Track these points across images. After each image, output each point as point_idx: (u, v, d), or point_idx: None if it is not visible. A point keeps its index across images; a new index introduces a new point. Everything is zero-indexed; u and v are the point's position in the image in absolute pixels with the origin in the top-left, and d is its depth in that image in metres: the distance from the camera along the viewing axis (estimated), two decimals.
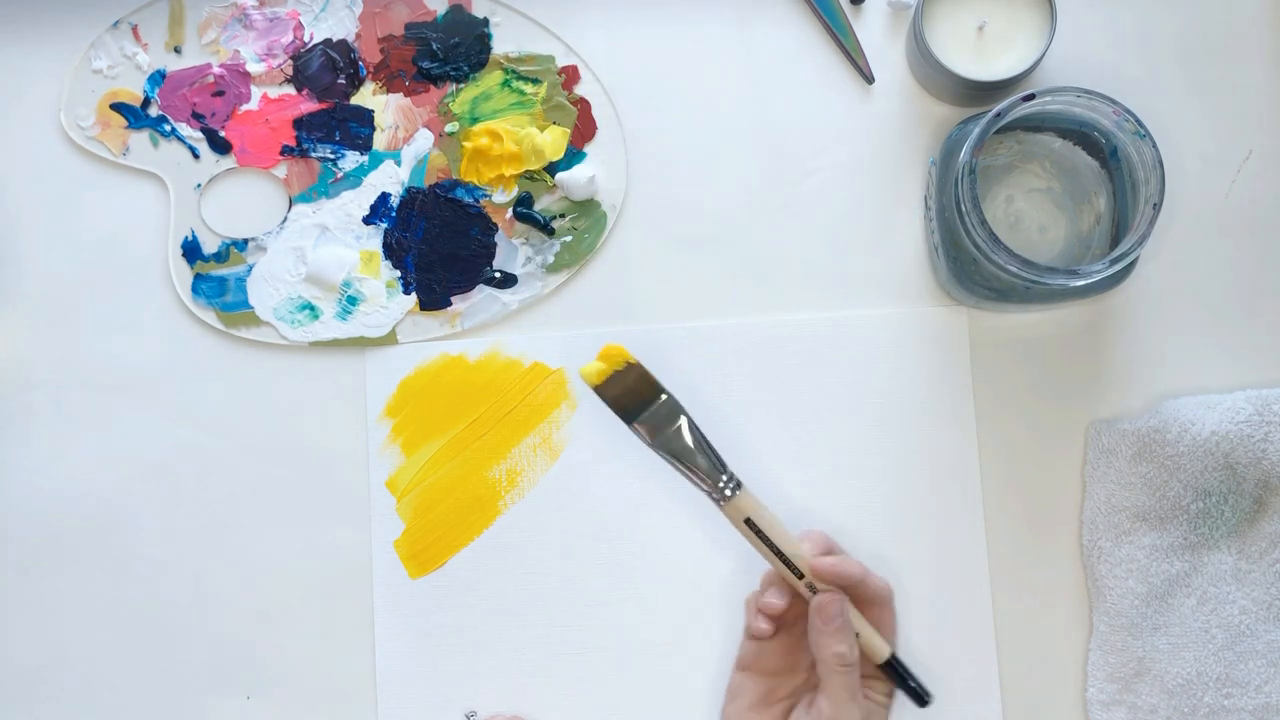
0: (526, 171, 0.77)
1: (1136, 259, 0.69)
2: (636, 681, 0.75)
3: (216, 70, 0.78)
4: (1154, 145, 0.66)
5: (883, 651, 0.68)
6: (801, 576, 0.68)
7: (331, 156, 0.78)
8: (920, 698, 0.69)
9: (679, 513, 0.76)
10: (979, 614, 0.75)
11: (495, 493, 0.76)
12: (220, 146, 0.78)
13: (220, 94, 0.78)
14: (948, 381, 0.76)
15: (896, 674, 0.69)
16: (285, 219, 0.78)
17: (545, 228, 0.77)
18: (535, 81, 0.78)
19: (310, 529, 0.77)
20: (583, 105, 0.78)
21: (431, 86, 0.78)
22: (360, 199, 0.78)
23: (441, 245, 0.77)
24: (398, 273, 0.77)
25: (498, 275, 0.77)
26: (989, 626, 0.74)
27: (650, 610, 0.76)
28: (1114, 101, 0.67)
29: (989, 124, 0.67)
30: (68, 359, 0.78)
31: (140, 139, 0.78)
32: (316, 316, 0.77)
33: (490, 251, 0.77)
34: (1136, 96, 0.74)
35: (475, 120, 0.78)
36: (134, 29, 0.78)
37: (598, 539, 0.76)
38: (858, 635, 0.67)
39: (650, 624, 0.75)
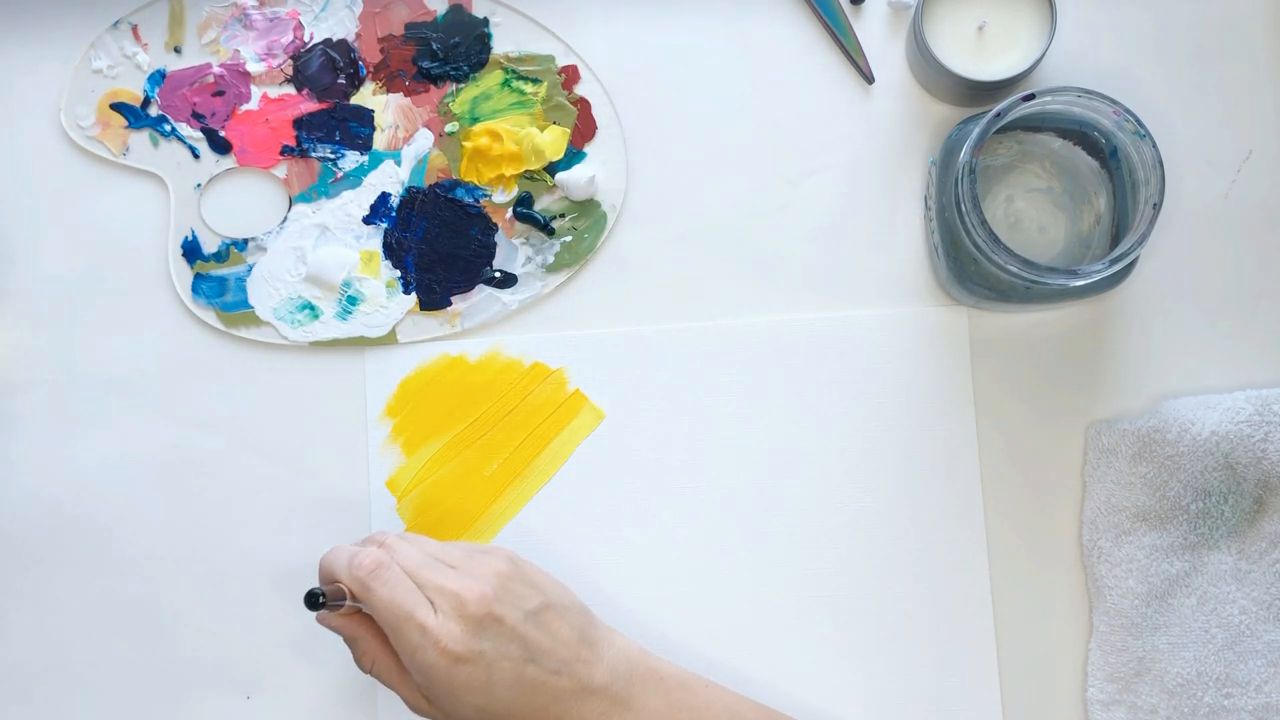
0: (526, 171, 0.77)
1: (1136, 259, 0.69)
2: None
3: (216, 70, 0.78)
4: (1154, 145, 0.66)
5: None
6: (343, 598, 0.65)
7: (331, 156, 0.78)
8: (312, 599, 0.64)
9: (677, 515, 0.76)
10: (979, 614, 0.75)
11: (495, 494, 0.76)
12: (220, 146, 0.78)
13: (220, 94, 0.78)
14: (948, 381, 0.76)
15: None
16: (285, 219, 0.78)
17: (545, 228, 0.77)
18: (535, 81, 0.78)
19: (310, 529, 0.77)
20: (583, 105, 0.78)
21: (431, 86, 0.78)
22: (360, 199, 0.78)
23: (441, 245, 0.77)
24: (398, 273, 0.77)
25: (498, 275, 0.77)
26: (989, 626, 0.74)
27: (652, 611, 0.75)
28: (1114, 101, 0.67)
29: (989, 124, 0.67)
30: (68, 359, 0.78)
31: (140, 139, 0.78)
32: (316, 316, 0.77)
33: (490, 251, 0.77)
34: (1136, 96, 0.74)
35: (475, 120, 0.78)
36: (134, 29, 0.78)
37: (597, 542, 0.76)
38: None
39: (651, 625, 0.75)
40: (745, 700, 0.66)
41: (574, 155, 0.78)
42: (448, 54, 0.78)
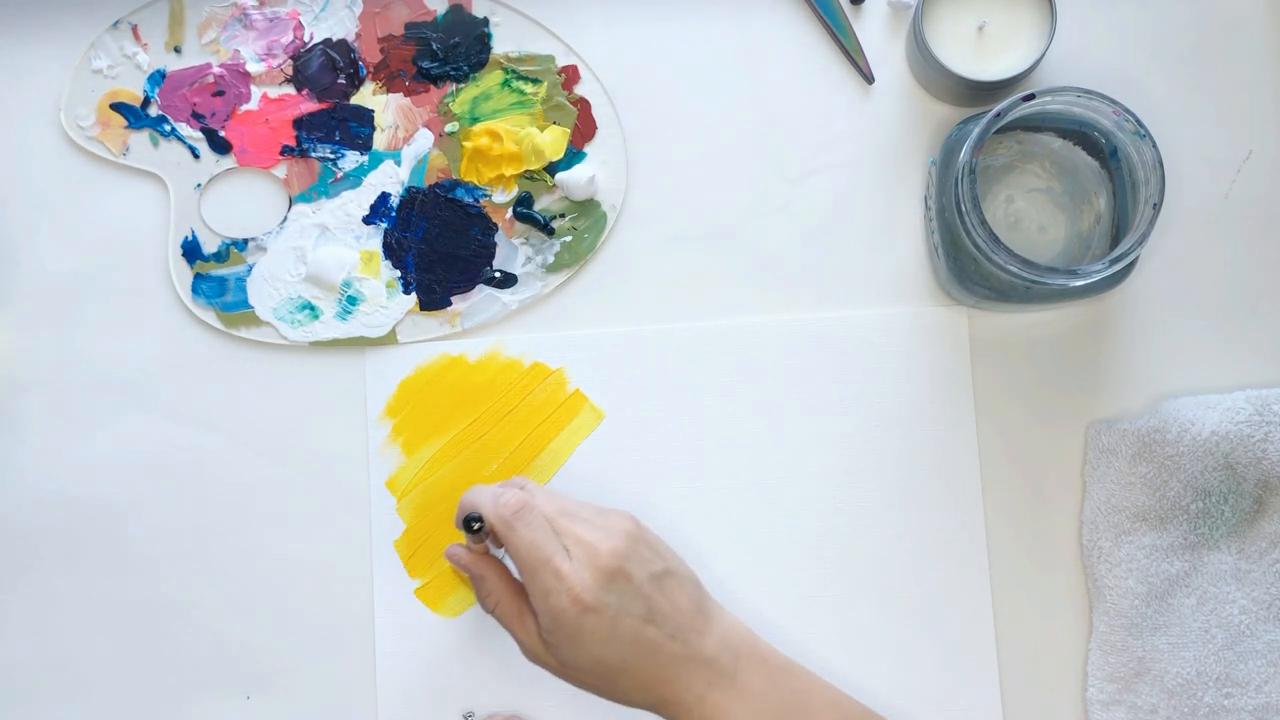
0: (526, 171, 0.77)
1: (1136, 259, 0.69)
2: None
3: (216, 70, 0.78)
4: (1154, 145, 0.67)
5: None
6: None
7: (331, 156, 0.78)
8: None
9: (678, 516, 0.76)
10: (979, 614, 0.75)
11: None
12: (220, 146, 0.78)
13: (220, 94, 0.78)
14: (948, 381, 0.76)
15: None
16: (285, 219, 0.78)
17: (545, 228, 0.77)
18: (535, 81, 0.78)
19: (310, 529, 0.77)
20: (583, 105, 0.78)
21: (431, 86, 0.78)
22: (360, 199, 0.78)
23: (441, 245, 0.77)
24: (398, 273, 0.77)
25: (498, 275, 0.77)
26: (989, 626, 0.74)
27: None
28: (1114, 101, 0.67)
29: (989, 124, 0.67)
30: (68, 359, 0.78)
31: (140, 139, 0.78)
32: (316, 316, 0.77)
33: (490, 251, 0.77)
34: (1136, 96, 0.74)
35: (475, 120, 0.78)
36: (134, 29, 0.78)
37: None
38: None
39: None
40: (843, 693, 0.67)
41: (574, 155, 0.78)
42: (448, 54, 0.78)
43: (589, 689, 0.66)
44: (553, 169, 0.77)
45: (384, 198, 0.78)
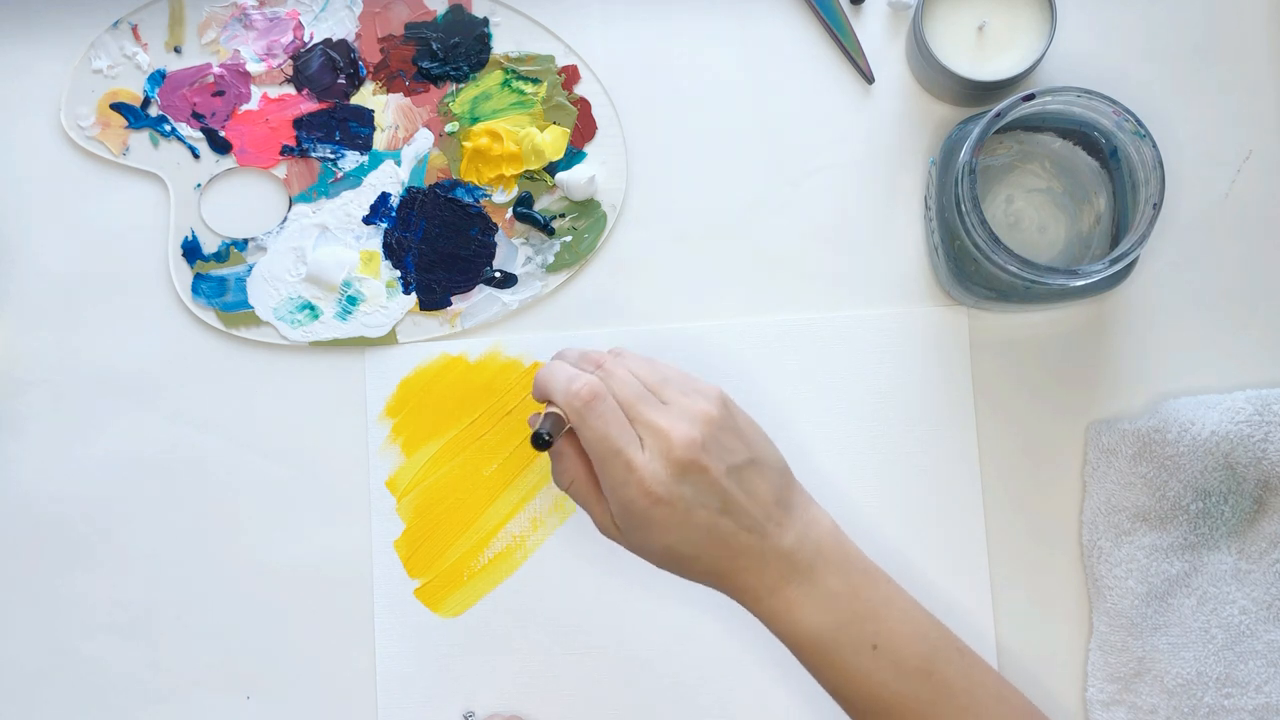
0: (526, 171, 0.77)
1: (1136, 259, 0.69)
2: (635, 682, 0.75)
3: (216, 70, 0.78)
4: (1154, 145, 0.66)
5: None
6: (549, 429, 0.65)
7: (331, 156, 0.78)
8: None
9: None
10: (979, 614, 0.75)
11: (495, 494, 0.76)
12: (220, 146, 0.78)
13: (220, 94, 0.78)
14: (948, 381, 0.76)
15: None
16: (285, 219, 0.78)
17: (545, 228, 0.77)
18: (535, 81, 0.78)
19: (310, 529, 0.77)
20: (583, 105, 0.78)
21: (431, 86, 0.78)
22: (360, 199, 0.78)
23: (441, 245, 0.77)
24: (398, 273, 0.77)
25: (498, 275, 0.77)
26: (989, 626, 0.74)
27: (651, 611, 0.76)
28: (1114, 101, 0.67)
29: (989, 124, 0.67)
30: (67, 359, 0.78)
31: (140, 139, 0.78)
32: (316, 316, 0.77)
33: (490, 251, 0.77)
34: (1136, 96, 0.75)
35: (475, 120, 0.78)
36: (134, 29, 0.78)
37: (597, 540, 0.76)
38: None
39: (651, 625, 0.75)
40: (922, 608, 0.65)
41: (574, 155, 0.78)
42: (448, 54, 0.78)
43: (661, 568, 0.64)
44: (553, 169, 0.77)
45: (384, 198, 0.78)
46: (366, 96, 0.78)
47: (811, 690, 0.75)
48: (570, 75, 0.78)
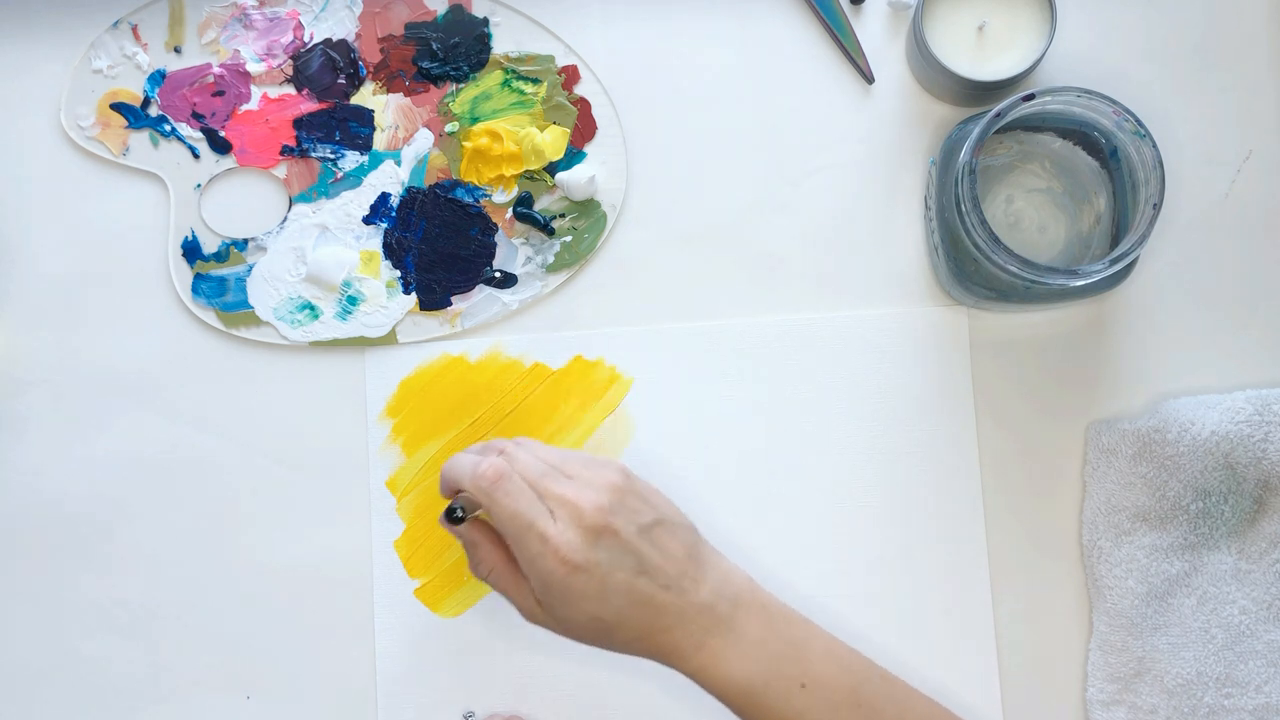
0: (526, 171, 0.77)
1: (1136, 259, 0.69)
2: (635, 682, 0.75)
3: (216, 70, 0.78)
4: (1154, 145, 0.67)
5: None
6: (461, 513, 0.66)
7: (331, 156, 0.78)
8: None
9: None
10: (979, 614, 0.75)
11: None
12: (220, 146, 0.78)
13: (220, 94, 0.78)
14: (948, 381, 0.76)
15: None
16: (285, 219, 0.78)
17: (545, 228, 0.77)
18: (535, 81, 0.78)
19: (310, 529, 0.77)
20: (583, 105, 0.78)
21: (431, 86, 0.78)
22: (360, 199, 0.78)
23: (441, 245, 0.77)
24: (398, 273, 0.77)
25: (498, 275, 0.77)
26: (989, 626, 0.74)
27: None
28: (1114, 101, 0.67)
29: (989, 124, 0.67)
30: (67, 359, 0.78)
31: (140, 139, 0.78)
32: (316, 316, 0.77)
33: (490, 251, 0.77)
34: (1136, 96, 0.74)
35: (475, 120, 0.78)
36: (134, 29, 0.78)
37: None
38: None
39: None
40: (843, 643, 0.66)
41: (574, 155, 0.78)
42: (448, 54, 0.78)
43: (589, 644, 0.65)
44: (553, 169, 0.77)
45: (384, 198, 0.78)
46: (366, 96, 0.78)
47: None
48: (570, 75, 0.78)
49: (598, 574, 0.62)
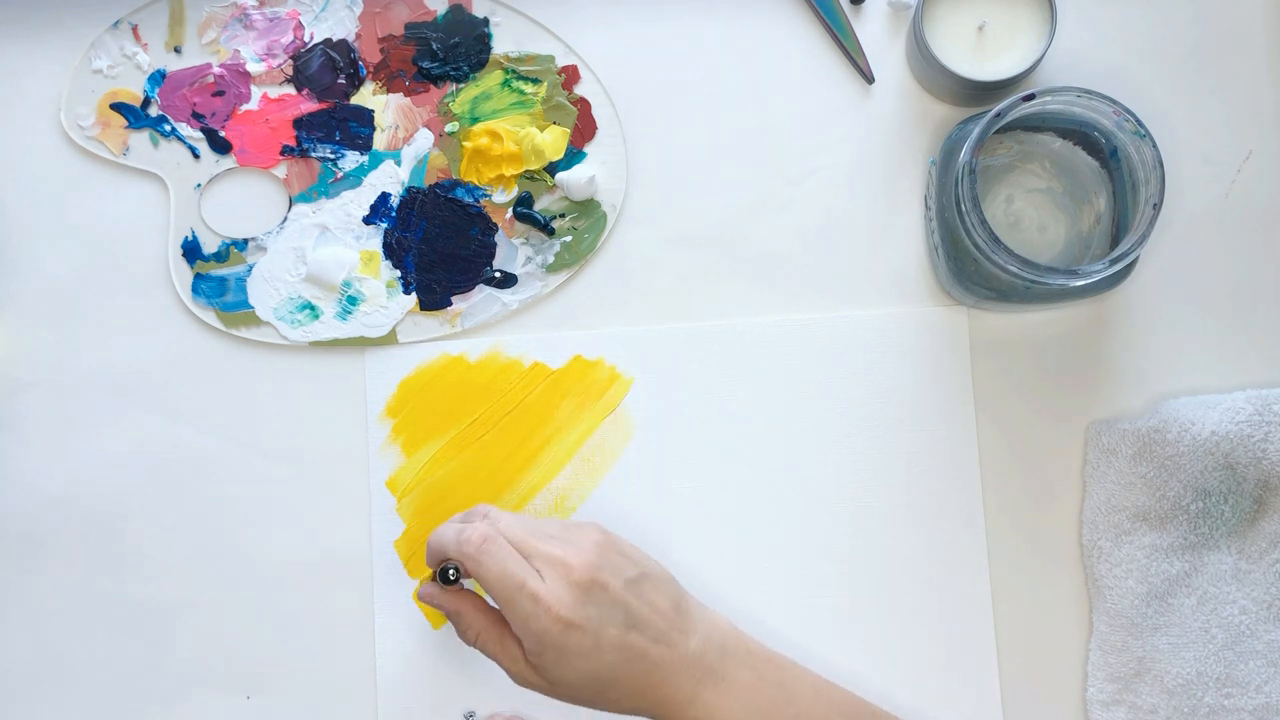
0: (526, 171, 0.77)
1: (1136, 259, 0.69)
2: None
3: (216, 70, 0.78)
4: (1154, 145, 0.67)
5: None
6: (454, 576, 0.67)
7: (331, 156, 0.78)
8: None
9: (675, 517, 0.76)
10: (979, 614, 0.75)
11: (496, 494, 0.76)
12: (220, 146, 0.78)
13: (220, 94, 0.78)
14: (948, 381, 0.76)
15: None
16: (285, 219, 0.78)
17: (545, 228, 0.77)
18: (535, 81, 0.78)
19: (310, 529, 0.77)
20: (583, 105, 0.78)
21: (431, 86, 0.78)
22: (360, 199, 0.78)
23: (441, 245, 0.77)
24: (398, 273, 0.77)
25: (498, 275, 0.77)
26: (989, 626, 0.74)
27: None
28: (1114, 101, 0.67)
29: (989, 124, 0.67)
30: (68, 359, 0.78)
31: (140, 139, 0.78)
32: (316, 316, 0.77)
33: (490, 251, 0.77)
34: (1136, 96, 0.74)
35: (475, 120, 0.78)
36: (134, 29, 0.78)
37: None
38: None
39: None
40: (829, 682, 0.67)
41: (574, 155, 0.78)
42: (448, 54, 0.78)
43: (582, 704, 0.66)
44: (553, 169, 0.77)
45: (384, 198, 0.78)
46: (366, 96, 0.78)
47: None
48: (570, 75, 0.78)
49: (591, 629, 0.63)
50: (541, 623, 0.63)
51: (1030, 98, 0.67)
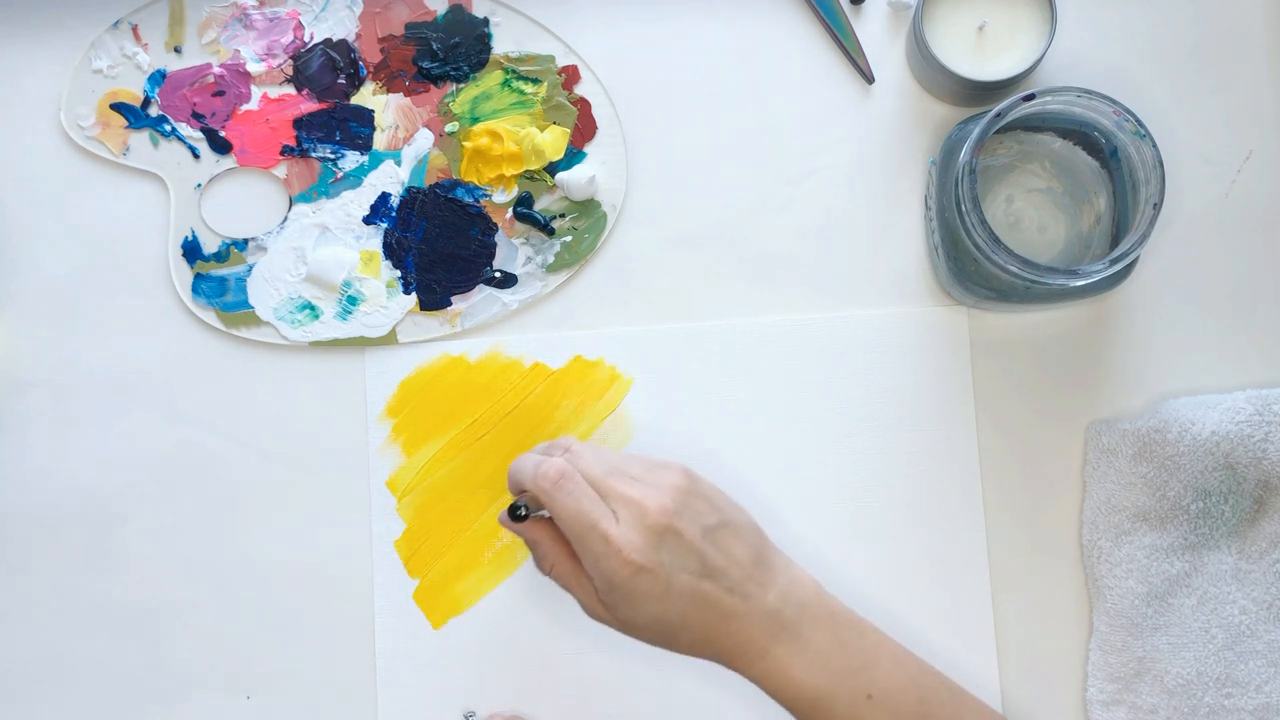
0: (526, 171, 0.77)
1: (1136, 259, 0.69)
2: (635, 682, 0.75)
3: (216, 70, 0.78)
4: (1154, 145, 0.67)
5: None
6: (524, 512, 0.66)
7: (331, 156, 0.78)
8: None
9: None
10: (979, 614, 0.75)
11: (496, 494, 0.76)
12: (220, 146, 0.78)
13: (220, 94, 0.78)
14: (948, 381, 0.76)
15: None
16: (285, 219, 0.78)
17: (545, 228, 0.77)
18: (535, 81, 0.78)
19: (310, 529, 0.77)
20: (583, 105, 0.78)
21: (431, 86, 0.78)
22: (360, 199, 0.78)
23: (442, 245, 0.77)
24: (398, 273, 0.77)
25: (498, 275, 0.77)
26: (989, 626, 0.74)
27: None
28: (1114, 101, 0.67)
29: (989, 124, 0.67)
30: (68, 359, 0.78)
31: (140, 139, 0.78)
32: (316, 316, 0.77)
33: (490, 251, 0.77)
34: (1136, 96, 0.74)
35: (475, 120, 0.78)
36: (134, 29, 0.78)
37: None
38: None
39: None
40: (912, 654, 0.65)
41: (574, 155, 0.78)
42: (448, 54, 0.78)
43: (653, 644, 0.64)
44: (553, 169, 0.77)
45: (384, 198, 0.78)
46: (366, 96, 0.78)
47: None
48: (570, 75, 0.78)
49: (661, 575, 0.62)
50: (611, 564, 0.62)
51: (1030, 98, 0.67)
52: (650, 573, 0.62)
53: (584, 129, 0.78)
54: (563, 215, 0.77)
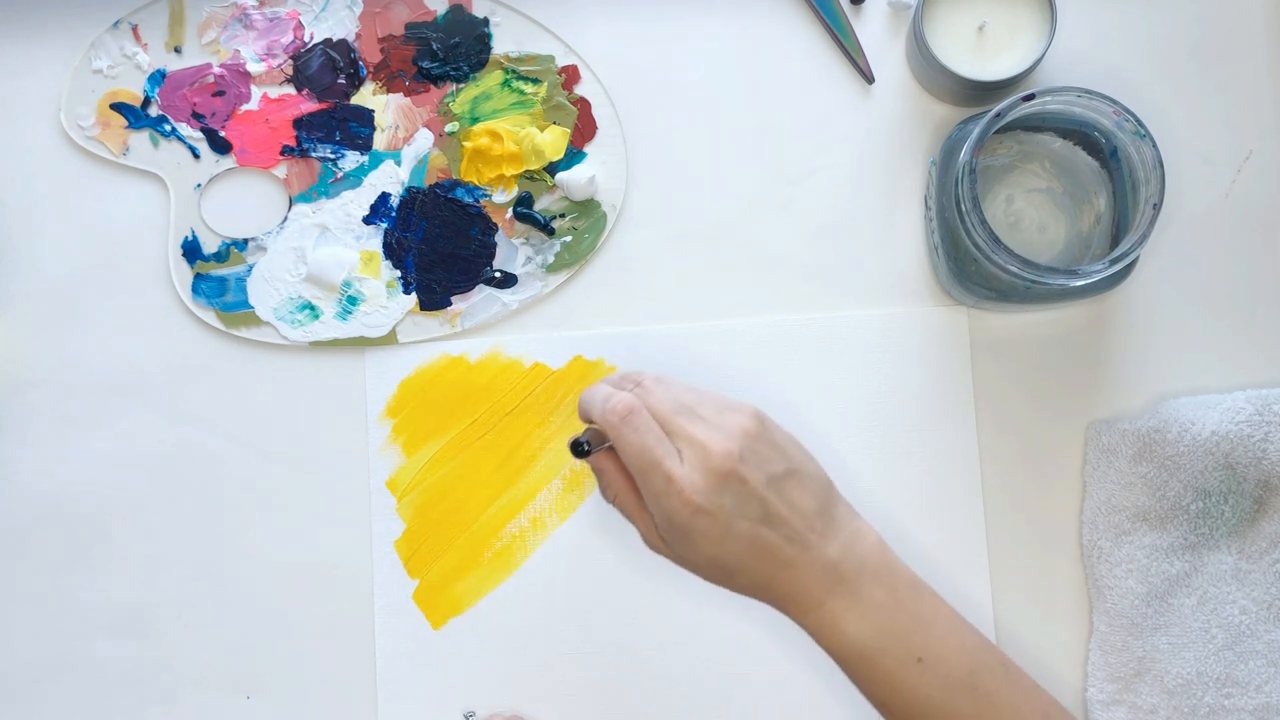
0: (526, 171, 0.77)
1: (1136, 259, 0.69)
2: (635, 682, 0.75)
3: (216, 70, 0.78)
4: (1154, 145, 0.67)
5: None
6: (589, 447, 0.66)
7: (331, 156, 0.78)
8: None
9: None
10: (979, 614, 0.75)
11: (496, 494, 0.76)
12: (220, 146, 0.78)
13: (220, 94, 0.78)
14: (948, 381, 0.76)
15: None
16: (285, 219, 0.78)
17: (545, 228, 0.77)
18: (535, 81, 0.78)
19: (310, 529, 0.77)
20: (583, 105, 0.78)
21: (431, 86, 0.78)
22: (360, 199, 0.78)
23: (441, 245, 0.77)
24: (398, 273, 0.77)
25: (498, 275, 0.77)
26: (989, 626, 0.74)
27: (653, 610, 0.76)
28: (1114, 101, 0.67)
29: (989, 124, 0.67)
30: (68, 359, 0.78)
31: (140, 139, 0.78)
32: (316, 316, 0.77)
33: (490, 251, 0.77)
34: (1136, 96, 0.74)
35: (475, 120, 0.78)
36: (134, 29, 0.78)
37: (598, 539, 0.76)
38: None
39: (653, 623, 0.75)
40: (969, 624, 0.65)
41: (574, 155, 0.78)
42: (448, 54, 0.78)
43: (709, 581, 0.64)
44: (553, 169, 0.77)
45: (384, 198, 0.78)
46: (366, 96, 0.78)
47: (815, 691, 0.75)
48: (570, 75, 0.78)
49: (721, 518, 0.61)
50: (672, 503, 0.61)
51: (1030, 98, 0.67)
52: (710, 515, 0.61)
53: (584, 129, 0.78)
54: (563, 215, 0.77)
